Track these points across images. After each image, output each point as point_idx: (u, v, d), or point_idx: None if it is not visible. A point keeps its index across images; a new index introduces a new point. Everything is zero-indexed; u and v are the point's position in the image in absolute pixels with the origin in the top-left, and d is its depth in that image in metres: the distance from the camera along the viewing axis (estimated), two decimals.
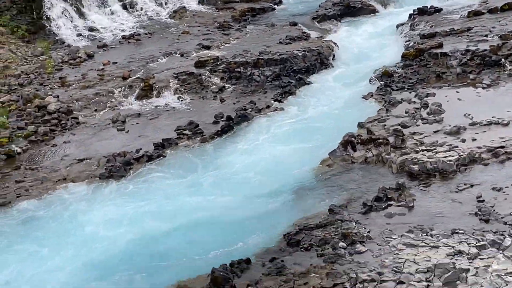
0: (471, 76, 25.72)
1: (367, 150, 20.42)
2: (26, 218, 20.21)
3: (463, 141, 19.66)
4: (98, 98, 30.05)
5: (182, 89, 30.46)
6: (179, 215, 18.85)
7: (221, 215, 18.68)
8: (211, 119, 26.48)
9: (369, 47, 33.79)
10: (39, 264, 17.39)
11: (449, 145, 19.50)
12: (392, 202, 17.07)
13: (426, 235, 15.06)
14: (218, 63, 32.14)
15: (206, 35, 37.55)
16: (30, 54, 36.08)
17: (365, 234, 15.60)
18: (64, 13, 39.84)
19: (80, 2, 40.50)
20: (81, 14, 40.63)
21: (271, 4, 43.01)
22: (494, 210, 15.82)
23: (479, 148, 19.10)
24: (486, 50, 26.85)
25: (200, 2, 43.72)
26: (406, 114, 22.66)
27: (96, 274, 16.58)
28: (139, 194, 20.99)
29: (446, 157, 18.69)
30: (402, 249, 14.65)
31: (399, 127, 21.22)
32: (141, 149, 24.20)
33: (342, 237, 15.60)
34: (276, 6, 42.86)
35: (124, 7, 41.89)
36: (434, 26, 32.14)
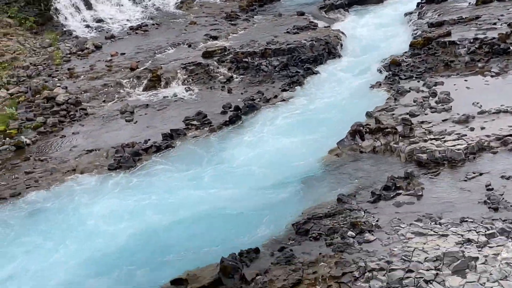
0: (480, 64, 25.67)
1: (376, 139, 20.38)
2: (33, 210, 20.23)
3: (472, 129, 19.60)
4: (106, 89, 30.13)
5: (190, 79, 30.49)
6: (187, 207, 18.81)
7: (229, 207, 18.63)
8: (219, 110, 26.49)
9: (376, 36, 33.78)
10: (44, 258, 17.34)
11: (457, 133, 19.44)
12: (400, 191, 17.05)
13: (435, 224, 15.04)
14: (226, 54, 32.15)
15: (213, 26, 37.61)
16: (38, 45, 36.19)
17: (373, 223, 15.59)
18: (71, 4, 39.94)
19: None
20: (88, 5, 40.75)
21: None
22: (503, 199, 15.76)
23: (488, 136, 19.02)
24: (494, 38, 26.77)
25: None
26: (415, 103, 22.61)
27: (104, 267, 16.49)
28: (146, 186, 20.96)
29: (454, 145, 18.63)
30: (411, 237, 14.62)
31: (408, 116, 21.19)
32: (149, 139, 24.23)
33: (350, 226, 15.59)
34: None
35: None
36: (442, 15, 32.09)
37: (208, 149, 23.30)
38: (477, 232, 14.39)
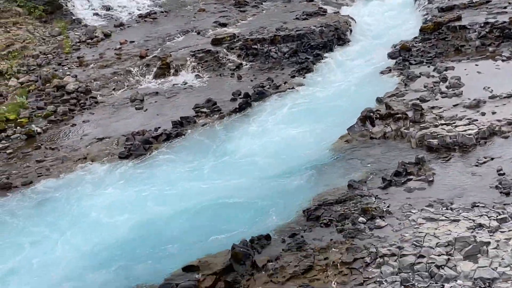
0: (490, 48, 25.54)
1: (386, 125, 20.32)
2: (42, 200, 20.27)
3: (483, 114, 19.50)
4: (116, 77, 30.15)
5: (199, 67, 30.46)
6: (197, 197, 18.72)
7: (239, 196, 18.54)
8: (229, 97, 26.47)
9: (386, 21, 33.63)
10: (50, 249, 17.29)
11: (468, 118, 19.35)
12: (411, 177, 17.01)
13: (446, 209, 15.00)
14: (235, 41, 32.08)
15: (222, 13, 37.48)
16: (48, 34, 36.22)
17: (384, 209, 15.56)
18: None
19: None
20: None
21: None
22: None
23: (499, 121, 18.93)
24: (505, 22, 26.63)
25: None
26: (425, 88, 22.52)
27: (113, 257, 16.50)
28: (156, 176, 20.91)
29: (465, 130, 18.55)
30: (422, 223, 14.60)
31: (418, 102, 21.10)
32: (159, 127, 24.26)
33: (361, 212, 15.58)
34: None
35: None
36: None
37: (217, 138, 23.26)
38: (488, 217, 14.35)
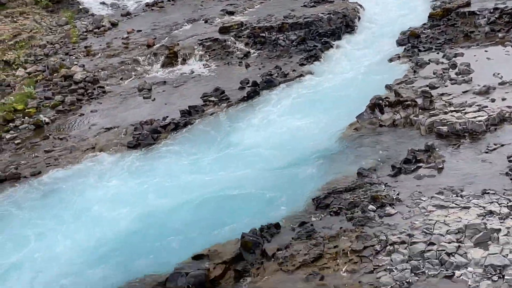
0: (500, 34, 25.36)
1: (395, 113, 20.23)
2: (49, 191, 20.28)
3: (493, 100, 19.37)
4: (123, 67, 30.11)
5: (207, 55, 30.37)
6: (205, 188, 18.72)
7: (249, 186, 18.48)
8: (237, 85, 26.39)
9: (395, 8, 33.37)
10: (56, 242, 17.27)
11: (478, 105, 19.22)
12: (421, 164, 16.93)
13: (457, 196, 14.94)
14: (243, 29, 31.95)
15: (229, 0, 37.38)
16: (55, 24, 36.21)
17: (394, 197, 15.51)
18: None
19: None
20: None
21: None
22: None
23: (509, 107, 18.80)
24: None
25: None
26: (434, 75, 22.39)
27: (123, 247, 16.62)
28: (165, 167, 20.86)
29: (475, 117, 18.45)
30: (432, 210, 14.54)
31: (427, 89, 20.96)
32: (167, 116, 24.21)
33: (371, 200, 15.53)
34: None
35: None
36: None
37: (224, 128, 23.18)
38: (499, 204, 14.28)
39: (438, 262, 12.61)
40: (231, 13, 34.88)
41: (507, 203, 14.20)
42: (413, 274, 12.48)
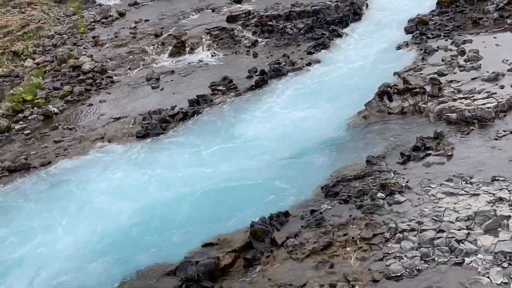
0: (509, 21, 25.24)
1: (404, 100, 20.18)
2: (57, 182, 20.32)
3: (502, 87, 19.28)
4: (131, 57, 30.15)
5: (215, 44, 30.37)
6: (213, 179, 18.73)
7: (258, 176, 18.46)
8: (245, 74, 26.36)
9: None
10: (59, 235, 17.26)
11: (487, 92, 19.14)
12: (430, 151, 16.89)
13: (466, 183, 14.89)
14: (250, 17, 31.94)
15: None
16: (62, 14, 36.28)
17: (403, 184, 15.49)
18: None
19: None
20: None
21: None
22: None
23: None
24: None
25: None
26: (443, 62, 22.31)
27: (133, 236, 16.66)
28: (173, 157, 20.83)
29: (484, 104, 18.37)
30: (441, 198, 14.51)
31: (436, 76, 20.90)
32: (176, 106, 24.23)
33: (380, 187, 15.51)
34: None
35: None
36: None
37: (232, 118, 23.15)
38: (508, 190, 14.22)
39: (448, 249, 12.59)
40: (239, 1, 34.85)
41: None
42: (422, 262, 12.47)
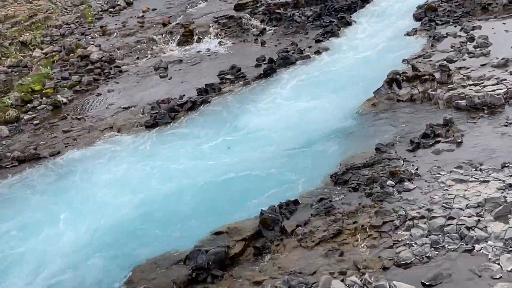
0: None
1: (413, 87, 20.09)
2: (65, 173, 20.35)
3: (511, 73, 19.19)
4: (139, 46, 30.14)
5: (223, 33, 30.32)
6: (221, 169, 18.73)
7: (267, 166, 18.43)
8: (253, 63, 26.32)
9: None
10: (64, 229, 17.25)
11: (497, 78, 19.03)
12: (440, 139, 16.81)
13: (476, 170, 14.83)
14: (258, 5, 31.88)
15: None
16: (70, 4, 36.24)
17: (413, 172, 15.44)
18: None
19: None
20: None
21: None
22: None
23: None
24: None
25: None
26: (452, 49, 22.21)
27: (143, 225, 16.67)
28: (182, 148, 20.83)
29: (494, 90, 18.25)
30: (451, 185, 14.46)
31: (445, 62, 20.80)
32: (184, 95, 24.22)
33: (389, 175, 15.47)
34: None
35: None
36: None
37: (241, 108, 23.05)
38: None
39: (458, 236, 12.56)
40: None
41: None
42: (432, 249, 12.43)
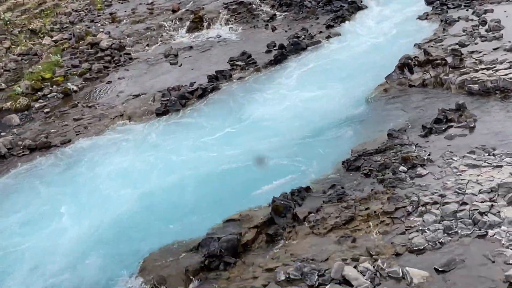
0: None
1: (425, 72, 19.96)
2: (71, 163, 20.32)
3: None
4: (149, 33, 30.09)
5: (233, 19, 30.21)
6: (233, 158, 18.74)
7: (280, 153, 18.43)
8: (264, 49, 26.22)
9: None
10: (80, 215, 17.28)
11: (509, 62, 18.88)
12: (452, 124, 16.70)
13: (489, 155, 14.73)
14: None
15: None
16: None
17: (425, 157, 15.35)
18: None
19: None
20: None
21: None
22: None
23: None
24: None
25: None
26: (464, 33, 22.04)
27: (154, 213, 16.72)
28: (191, 137, 20.72)
29: (507, 74, 18.11)
30: (464, 170, 14.37)
31: (457, 46, 20.67)
32: (195, 82, 24.16)
33: (402, 161, 15.39)
34: None
35: None
36: None
37: (251, 95, 22.95)
38: None
39: (471, 222, 12.48)
40: None
41: None
42: (445, 234, 12.37)
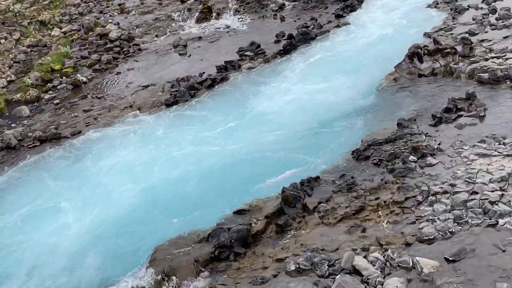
0: None
1: (435, 61, 19.88)
2: (79, 155, 20.30)
3: None
4: (158, 24, 30.10)
5: (242, 9, 30.15)
6: (240, 149, 18.71)
7: (289, 144, 18.40)
8: (273, 39, 26.18)
9: None
10: (89, 207, 17.31)
11: None
12: (462, 113, 16.64)
13: (499, 144, 14.67)
14: None
15: None
16: None
17: (435, 147, 15.31)
18: None
19: None
20: None
21: None
22: None
23: None
24: None
25: None
26: (474, 21, 21.93)
27: (164, 205, 16.69)
28: (199, 129, 20.67)
29: None
30: (474, 159, 14.33)
31: (467, 35, 20.57)
32: (204, 72, 24.16)
33: (412, 150, 15.35)
34: None
35: None
36: None
37: (259, 87, 22.77)
38: None
39: (481, 211, 12.45)
40: None
41: None
42: (456, 224, 12.34)
